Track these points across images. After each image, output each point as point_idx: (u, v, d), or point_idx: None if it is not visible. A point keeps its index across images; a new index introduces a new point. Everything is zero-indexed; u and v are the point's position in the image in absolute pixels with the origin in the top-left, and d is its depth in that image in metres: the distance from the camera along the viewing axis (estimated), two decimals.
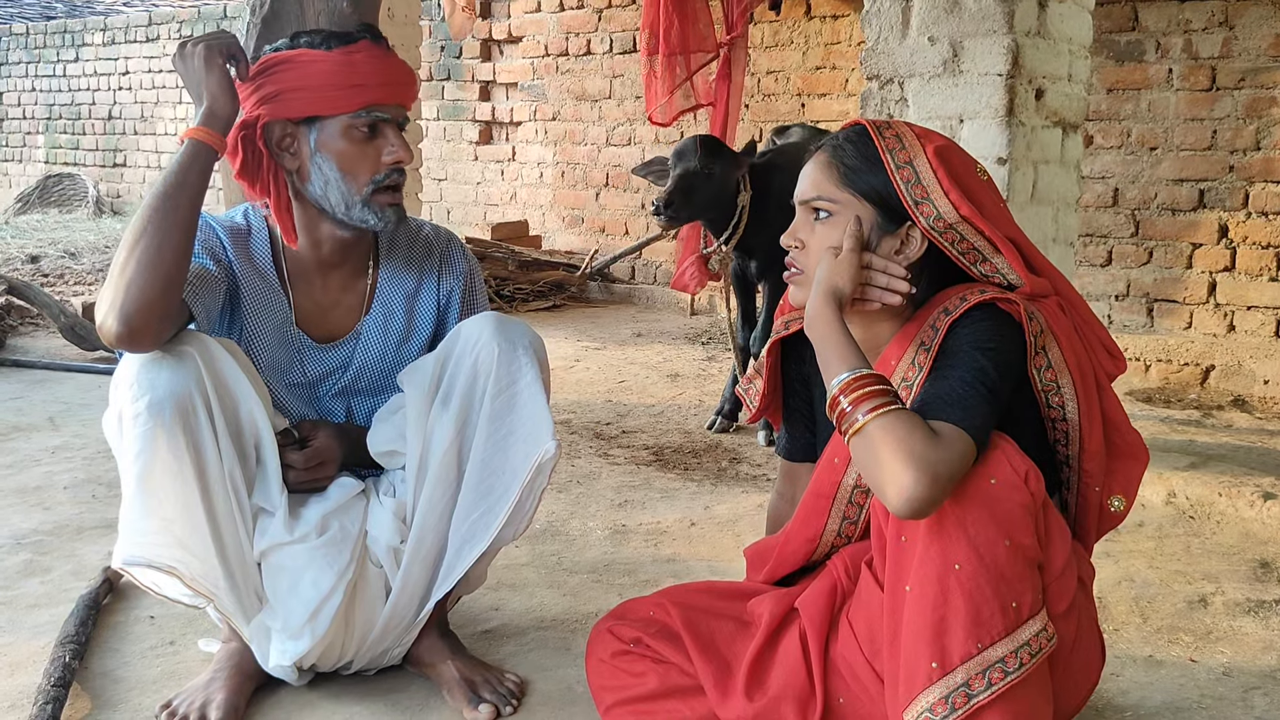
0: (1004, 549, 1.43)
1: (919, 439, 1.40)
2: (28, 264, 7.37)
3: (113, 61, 10.48)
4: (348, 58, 1.90)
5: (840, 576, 1.70)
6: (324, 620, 1.89)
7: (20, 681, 2.01)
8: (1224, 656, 2.21)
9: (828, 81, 6.35)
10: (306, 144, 1.93)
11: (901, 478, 1.38)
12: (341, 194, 1.93)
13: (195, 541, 1.81)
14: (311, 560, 1.89)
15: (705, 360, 5.28)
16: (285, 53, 1.92)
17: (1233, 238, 4.94)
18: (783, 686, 1.67)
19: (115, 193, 10.50)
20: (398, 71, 1.96)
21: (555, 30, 7.53)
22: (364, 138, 1.93)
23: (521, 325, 1.97)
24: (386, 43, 1.97)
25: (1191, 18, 4.94)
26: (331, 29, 1.98)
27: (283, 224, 1.98)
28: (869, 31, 3.30)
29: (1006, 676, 1.41)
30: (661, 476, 3.42)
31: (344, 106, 1.90)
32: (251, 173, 1.95)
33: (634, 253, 7.07)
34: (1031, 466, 1.48)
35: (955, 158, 1.66)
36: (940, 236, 1.62)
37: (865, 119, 1.71)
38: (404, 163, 1.96)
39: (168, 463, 1.77)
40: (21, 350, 5.10)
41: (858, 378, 1.48)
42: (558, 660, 2.14)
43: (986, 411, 1.47)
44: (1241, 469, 3.33)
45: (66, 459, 3.43)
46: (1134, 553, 2.78)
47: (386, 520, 1.96)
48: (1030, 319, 1.58)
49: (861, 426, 1.44)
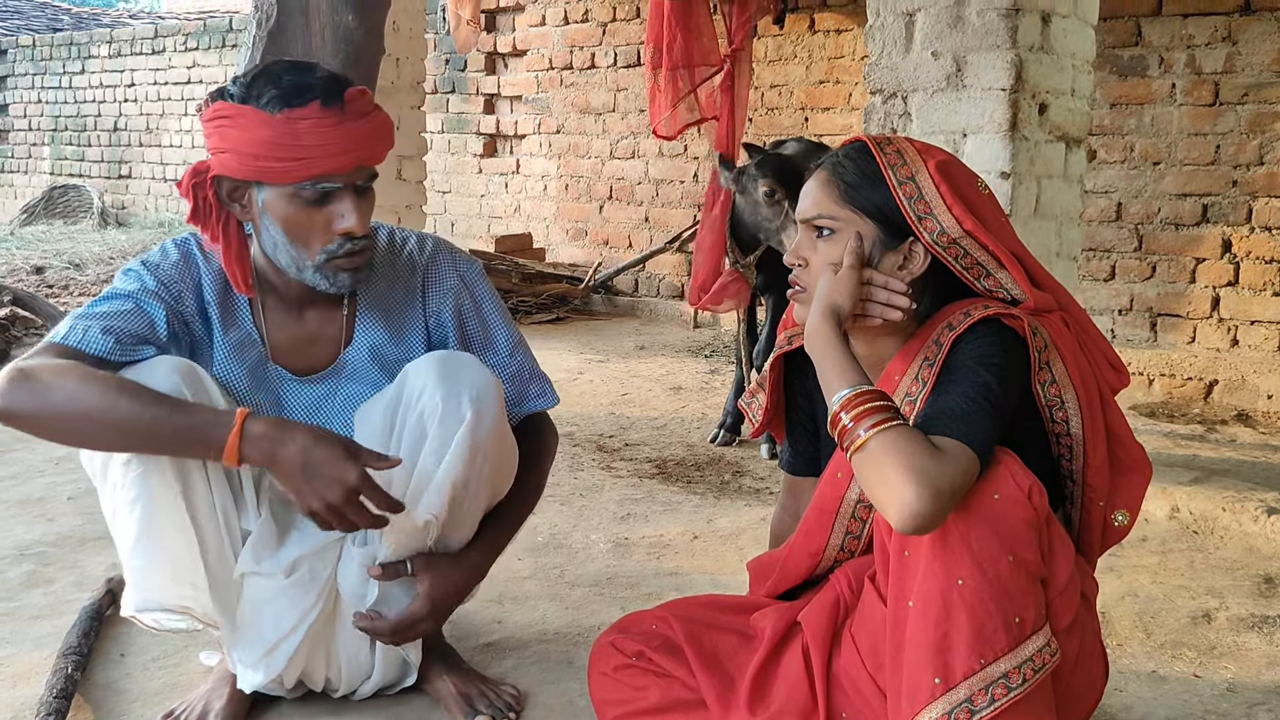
0: (1007, 564, 1.43)
1: (921, 454, 1.40)
2: (33, 275, 7.38)
3: (118, 74, 10.52)
4: (289, 126, 1.71)
5: (843, 590, 1.70)
6: (280, 658, 1.85)
7: (22, 693, 2.01)
8: (1228, 672, 2.21)
9: (831, 96, 6.37)
10: (255, 203, 1.79)
11: (904, 493, 1.38)
12: (291, 258, 1.81)
13: (197, 576, 1.78)
14: (274, 598, 1.84)
15: (708, 373, 5.28)
16: (232, 106, 1.75)
17: (1236, 252, 4.94)
18: (785, 701, 1.66)
19: (120, 204, 10.52)
20: (352, 136, 1.75)
21: (559, 44, 7.55)
22: (312, 205, 1.76)
23: (469, 367, 1.84)
24: (343, 99, 1.75)
25: (1195, 33, 4.95)
26: (292, 77, 1.75)
27: (231, 275, 1.84)
28: (873, 46, 3.31)
29: (1010, 692, 1.41)
30: (664, 489, 3.41)
31: (285, 178, 1.74)
32: (203, 220, 1.81)
33: (637, 265, 7.08)
34: (1035, 482, 1.47)
35: (957, 172, 1.67)
36: (944, 251, 1.62)
37: (865, 135, 1.71)
38: (355, 233, 1.78)
39: (163, 505, 1.73)
40: None
41: (859, 394, 1.48)
42: (560, 674, 2.14)
43: (989, 427, 1.47)
44: (1245, 484, 3.32)
45: (70, 470, 3.42)
46: (1138, 568, 2.77)
47: (354, 571, 1.88)
48: (1034, 334, 1.58)
49: (864, 443, 1.43)
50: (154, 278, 1.85)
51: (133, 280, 1.84)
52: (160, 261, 1.88)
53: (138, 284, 1.83)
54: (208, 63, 9.70)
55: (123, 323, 1.78)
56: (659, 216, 7.17)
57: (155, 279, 1.85)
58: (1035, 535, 1.46)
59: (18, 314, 5.67)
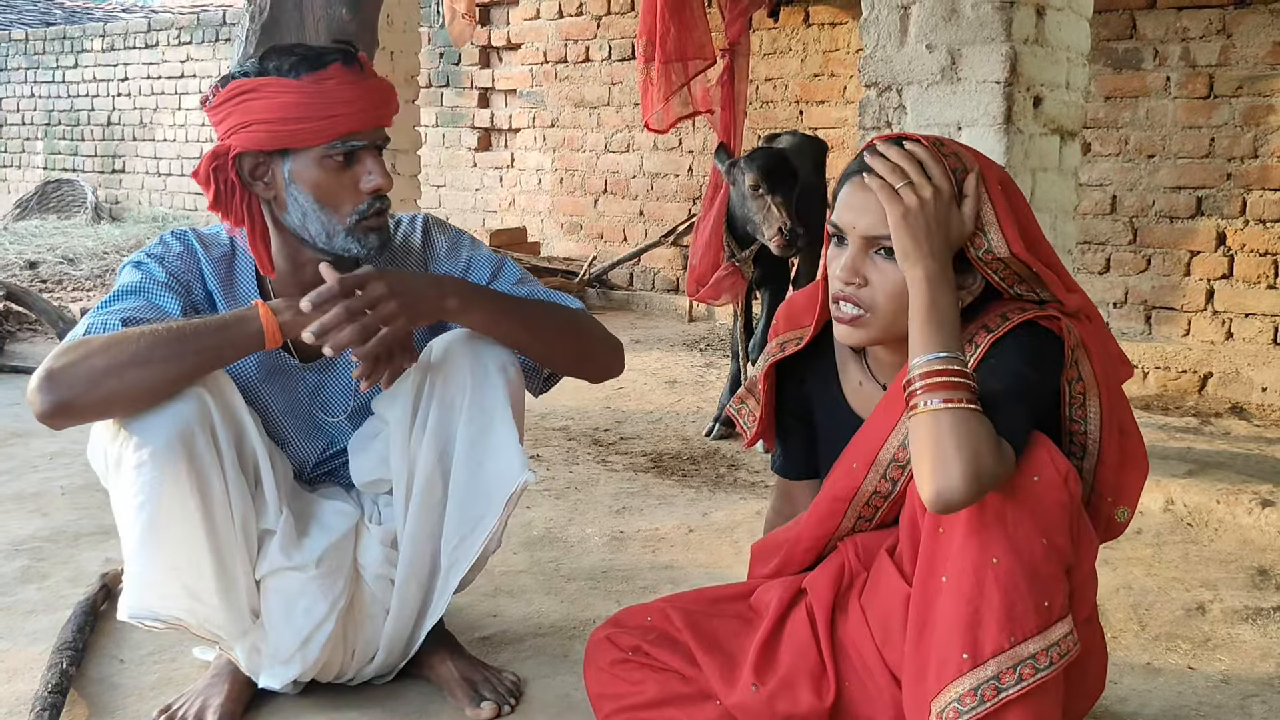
0: (1041, 547, 1.44)
1: (986, 448, 1.40)
2: (26, 270, 7.36)
3: (112, 68, 10.48)
4: (317, 86, 1.78)
5: (849, 558, 1.70)
6: (315, 648, 1.88)
7: (18, 688, 2.01)
8: (1222, 664, 2.21)
9: (826, 89, 6.37)
10: (280, 174, 1.83)
11: (952, 475, 1.38)
12: (321, 225, 1.84)
13: (201, 586, 1.78)
14: (305, 588, 1.87)
15: (703, 367, 5.28)
16: (252, 80, 1.79)
17: (1230, 245, 4.95)
18: (793, 666, 1.66)
19: (114, 199, 10.49)
20: (373, 93, 1.84)
21: (554, 37, 7.54)
22: (340, 167, 1.82)
23: (494, 343, 1.91)
24: (360, 61, 1.85)
25: (1189, 26, 4.95)
26: (305, 49, 1.83)
27: (258, 256, 1.88)
28: (867, 39, 3.31)
29: (1037, 673, 1.41)
30: (659, 483, 3.42)
31: (316, 139, 1.79)
32: (225, 204, 1.84)
33: (632, 259, 7.08)
34: (1071, 468, 1.49)
35: (1014, 191, 1.62)
36: (986, 267, 1.60)
37: (920, 135, 1.62)
38: (384, 189, 1.85)
39: (174, 510, 1.72)
40: (20, 356, 5.10)
41: (950, 362, 1.45)
42: (555, 668, 2.14)
43: (1026, 427, 1.49)
44: (1239, 476, 3.33)
45: (64, 465, 3.42)
46: (1132, 560, 2.78)
47: (375, 549, 1.95)
48: (1069, 333, 1.59)
49: (939, 410, 1.42)
50: (162, 269, 1.88)
51: (141, 273, 1.87)
52: (164, 254, 1.90)
53: (147, 276, 1.86)
54: (201, 56, 9.67)
55: (140, 315, 1.80)
56: (654, 210, 7.16)
57: (163, 270, 1.88)
58: (1068, 521, 1.47)
59: (11, 309, 5.66)
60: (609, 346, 2.04)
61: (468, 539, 1.91)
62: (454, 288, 1.85)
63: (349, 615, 1.93)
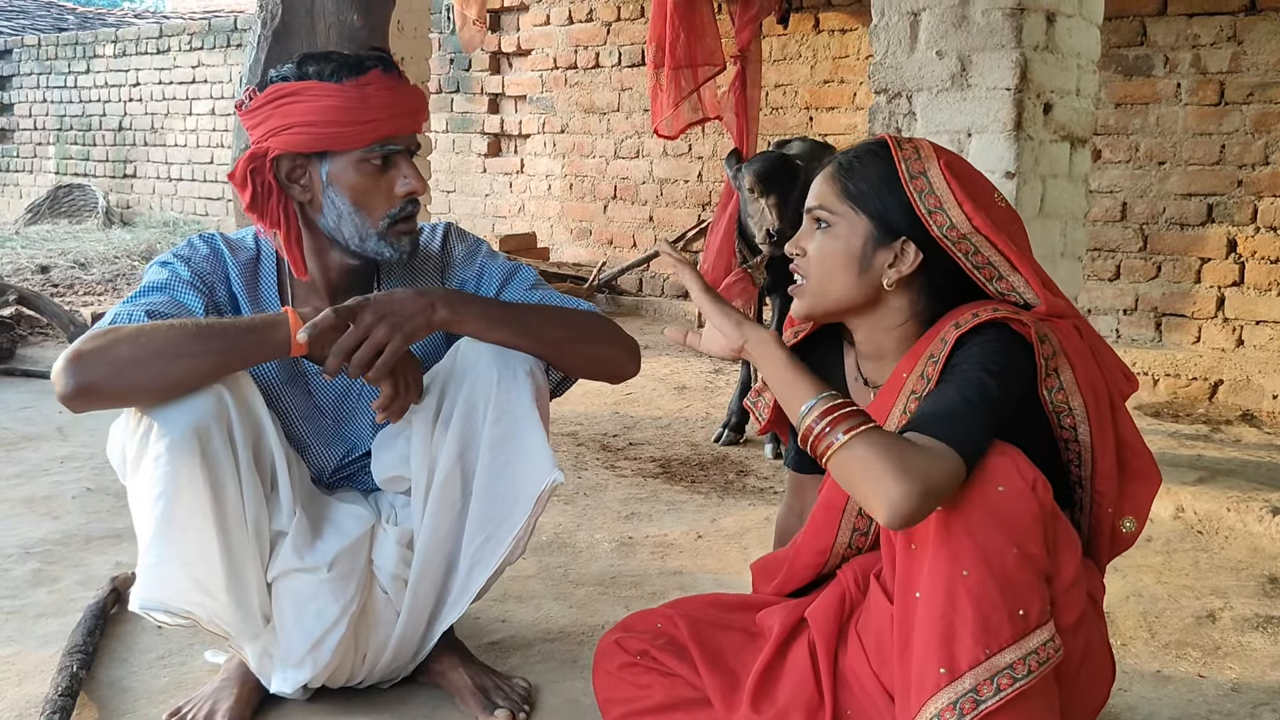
0: (1012, 556, 1.43)
1: (905, 451, 1.41)
2: (38, 274, 7.40)
3: (123, 73, 10.52)
4: (359, 91, 1.83)
5: (849, 586, 1.70)
6: (326, 651, 1.88)
7: (28, 691, 2.02)
8: (1232, 672, 2.21)
9: (836, 95, 6.37)
10: (318, 177, 1.87)
11: (890, 488, 1.38)
12: (355, 227, 1.88)
13: (212, 581, 1.78)
14: (318, 591, 1.87)
15: (712, 373, 5.28)
16: (293, 84, 1.84)
17: (1241, 252, 4.94)
18: (791, 698, 1.66)
19: (125, 204, 10.53)
20: (409, 100, 1.89)
21: (564, 43, 7.55)
22: (377, 170, 1.86)
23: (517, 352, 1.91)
24: (398, 69, 1.90)
25: (1200, 32, 4.94)
26: (341, 55, 1.88)
27: (292, 258, 1.92)
28: (877, 45, 3.31)
29: (1015, 683, 1.41)
30: (668, 489, 3.42)
31: (356, 142, 1.84)
32: (261, 206, 1.87)
33: (641, 265, 7.08)
34: (1039, 475, 1.48)
35: (967, 171, 1.68)
36: (954, 247, 1.62)
37: (887, 134, 1.72)
38: (418, 194, 1.90)
39: (189, 503, 1.73)
40: (31, 360, 5.12)
41: (832, 400, 1.49)
42: (564, 672, 2.14)
43: (981, 430, 1.47)
44: (1250, 484, 3.32)
45: (75, 469, 3.43)
46: (1142, 567, 2.77)
47: (391, 549, 1.95)
48: (1042, 341, 1.57)
49: (842, 445, 1.43)
50: (188, 268, 1.91)
51: (168, 271, 1.90)
52: (190, 255, 1.94)
53: (173, 274, 1.89)
54: (212, 62, 9.71)
55: (164, 310, 1.82)
56: (663, 216, 7.17)
57: (189, 269, 1.91)
58: (1040, 529, 1.46)
59: (23, 313, 5.68)
60: (622, 348, 2.03)
61: (493, 538, 1.90)
62: (441, 298, 1.85)
63: (361, 620, 1.93)
